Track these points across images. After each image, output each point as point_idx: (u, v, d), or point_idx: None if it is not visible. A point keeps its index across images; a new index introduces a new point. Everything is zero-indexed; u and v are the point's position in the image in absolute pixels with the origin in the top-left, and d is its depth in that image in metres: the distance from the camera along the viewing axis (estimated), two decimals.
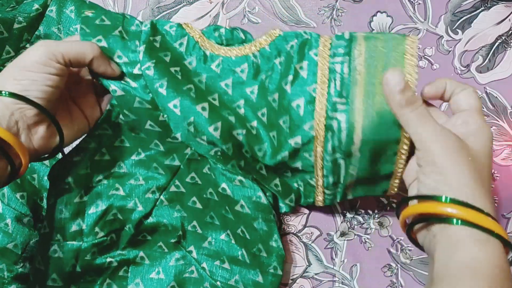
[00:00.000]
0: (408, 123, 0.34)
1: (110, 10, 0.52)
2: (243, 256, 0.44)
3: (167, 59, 0.41)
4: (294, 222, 0.50)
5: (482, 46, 0.54)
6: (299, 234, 0.50)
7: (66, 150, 0.45)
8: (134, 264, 0.45)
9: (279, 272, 0.44)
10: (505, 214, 0.50)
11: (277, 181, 0.44)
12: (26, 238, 0.46)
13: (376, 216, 0.50)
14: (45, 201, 0.47)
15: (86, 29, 0.40)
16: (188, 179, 0.45)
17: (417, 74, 0.37)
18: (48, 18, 0.47)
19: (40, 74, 0.35)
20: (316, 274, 0.49)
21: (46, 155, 0.39)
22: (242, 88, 0.43)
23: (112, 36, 0.40)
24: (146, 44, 0.40)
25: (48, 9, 0.47)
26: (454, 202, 0.31)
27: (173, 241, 0.45)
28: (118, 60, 0.40)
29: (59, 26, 0.48)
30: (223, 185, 0.44)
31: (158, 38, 0.42)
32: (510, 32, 0.54)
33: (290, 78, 0.41)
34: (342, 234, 0.50)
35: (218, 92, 0.42)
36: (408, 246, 0.49)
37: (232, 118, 0.41)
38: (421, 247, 0.36)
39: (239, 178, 0.44)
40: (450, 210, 0.31)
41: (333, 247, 0.49)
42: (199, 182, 0.45)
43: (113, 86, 0.40)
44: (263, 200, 0.44)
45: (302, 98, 0.40)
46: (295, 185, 0.45)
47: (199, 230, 0.45)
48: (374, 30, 0.54)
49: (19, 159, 0.35)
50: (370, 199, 0.50)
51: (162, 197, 0.45)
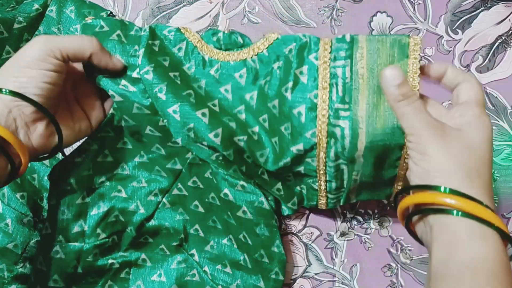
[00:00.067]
0: (403, 116, 0.35)
1: (110, 10, 0.52)
2: (245, 261, 0.44)
3: (166, 64, 0.41)
4: (294, 222, 0.50)
5: (482, 46, 0.54)
6: (299, 234, 0.50)
7: (67, 151, 0.45)
8: (136, 266, 0.45)
9: (281, 277, 0.44)
10: (505, 214, 0.50)
11: (279, 185, 0.44)
12: (26, 238, 0.46)
13: (376, 216, 0.50)
14: (45, 201, 0.47)
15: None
16: (190, 183, 0.45)
17: (420, 76, 0.37)
18: (48, 18, 0.47)
19: (38, 70, 0.35)
20: (316, 274, 0.49)
21: (46, 155, 0.39)
22: (242, 93, 0.42)
23: (110, 40, 0.40)
24: (145, 48, 0.40)
25: (48, 9, 0.47)
26: (453, 192, 0.31)
27: (175, 244, 0.45)
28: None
29: (59, 26, 0.48)
30: (225, 190, 0.43)
31: (157, 42, 0.41)
32: (510, 32, 0.54)
33: (290, 84, 0.40)
34: (342, 234, 0.50)
35: (218, 97, 0.42)
36: (408, 246, 0.49)
37: (233, 124, 0.41)
38: (420, 241, 0.36)
39: (241, 183, 0.43)
40: (449, 200, 0.31)
41: (333, 247, 0.49)
42: (201, 186, 0.44)
43: (111, 91, 0.40)
44: (265, 205, 0.43)
45: (303, 105, 0.39)
46: (298, 188, 0.44)
47: (201, 234, 0.45)
48: (374, 30, 0.54)
49: (19, 158, 0.35)
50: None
51: (164, 199, 0.45)
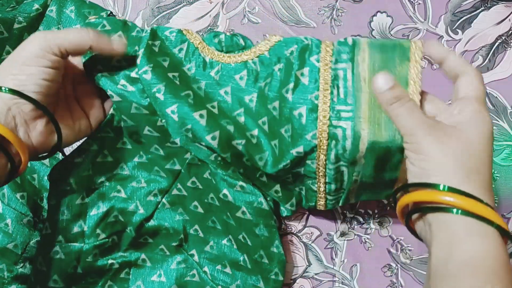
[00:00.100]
0: (397, 117, 0.35)
1: (110, 10, 0.52)
2: (245, 261, 0.43)
3: (166, 64, 0.40)
4: (294, 222, 0.50)
5: (482, 46, 0.54)
6: (299, 234, 0.50)
7: (67, 151, 0.45)
8: (136, 266, 0.45)
9: (280, 277, 0.43)
10: (505, 214, 0.50)
11: (277, 187, 0.43)
12: (26, 238, 0.46)
13: (376, 216, 0.50)
14: (45, 201, 0.47)
15: None
16: (189, 184, 0.44)
17: (421, 80, 0.37)
18: (48, 18, 0.47)
19: (36, 67, 0.35)
20: (316, 274, 0.49)
21: (46, 154, 0.39)
22: (241, 95, 0.42)
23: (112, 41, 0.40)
24: (145, 48, 0.40)
25: (48, 9, 0.47)
26: (452, 190, 0.31)
27: (174, 244, 0.45)
28: (116, 63, 0.40)
29: (59, 26, 0.48)
30: (224, 191, 0.43)
31: (157, 43, 0.41)
32: (510, 32, 0.54)
33: (291, 85, 0.40)
34: (342, 234, 0.50)
35: (217, 99, 0.41)
36: (408, 246, 0.49)
37: (230, 127, 0.40)
38: (421, 238, 0.35)
39: (240, 183, 0.43)
40: (448, 198, 0.31)
41: (333, 247, 0.49)
42: (200, 187, 0.44)
43: (110, 91, 0.40)
44: (265, 205, 0.43)
45: (304, 106, 0.39)
46: (297, 189, 0.44)
47: (201, 234, 0.45)
48: (374, 30, 0.54)
49: (19, 157, 0.35)
50: None
51: (164, 200, 0.45)
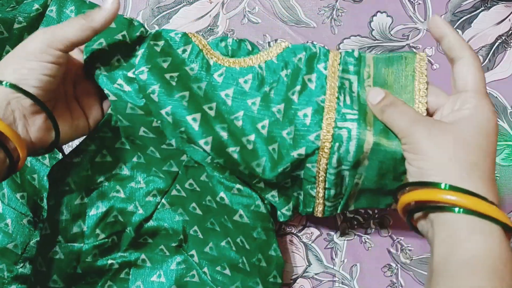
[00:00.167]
0: (393, 122, 0.35)
1: None
2: (244, 264, 0.43)
3: (166, 65, 0.40)
4: (294, 222, 0.50)
5: (482, 46, 0.54)
6: (299, 234, 0.50)
7: (67, 151, 0.45)
8: (136, 266, 0.45)
9: (279, 280, 0.43)
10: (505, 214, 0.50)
11: (274, 192, 0.43)
12: (26, 238, 0.46)
13: (376, 216, 0.50)
14: (45, 201, 0.47)
15: None
16: (187, 185, 0.44)
17: (427, 91, 0.37)
18: (48, 18, 0.47)
19: (38, 62, 0.35)
20: (316, 274, 0.49)
21: (44, 150, 0.39)
22: (244, 99, 0.41)
23: (114, 39, 0.40)
24: (145, 49, 0.40)
25: (48, 9, 0.46)
26: (453, 189, 0.31)
27: (174, 245, 0.45)
28: (116, 63, 0.40)
29: None
30: (221, 194, 0.43)
31: (161, 43, 0.41)
32: (510, 32, 0.54)
33: (298, 88, 0.40)
34: (342, 234, 0.50)
35: (217, 101, 0.41)
36: (408, 246, 0.49)
37: (224, 134, 0.39)
38: (421, 234, 0.35)
39: (237, 186, 0.42)
40: (449, 197, 0.31)
41: (333, 247, 0.49)
42: (197, 189, 0.44)
43: (106, 90, 0.40)
44: (262, 209, 0.43)
45: (309, 107, 0.39)
46: (295, 194, 0.43)
47: (201, 235, 0.45)
48: (374, 30, 0.54)
49: (17, 152, 0.35)
50: None
51: (163, 200, 0.45)
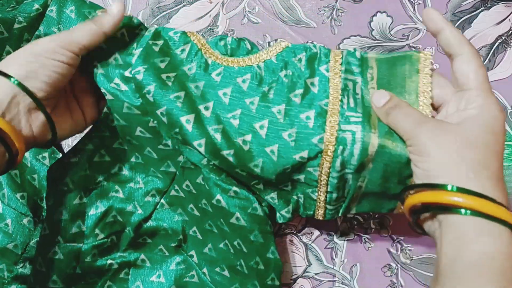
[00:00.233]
0: (397, 124, 0.35)
1: None
2: (242, 266, 0.43)
3: (163, 65, 0.40)
4: (294, 222, 0.50)
5: (482, 46, 0.54)
6: (299, 234, 0.50)
7: (66, 150, 0.45)
8: (135, 266, 0.45)
9: (277, 282, 0.43)
10: None
11: (274, 194, 0.42)
12: (26, 238, 0.46)
13: (376, 216, 0.50)
14: (45, 201, 0.47)
15: None
16: (184, 186, 0.44)
17: (432, 92, 0.37)
18: (48, 18, 0.47)
19: (51, 60, 0.36)
20: (316, 274, 0.49)
21: (44, 145, 0.39)
22: (242, 98, 0.40)
23: (113, 38, 0.40)
24: (143, 48, 0.40)
25: (48, 9, 0.47)
26: (461, 190, 0.31)
27: (173, 245, 0.45)
28: (114, 62, 0.40)
29: (59, 26, 0.47)
30: (218, 196, 0.42)
31: (160, 42, 0.40)
32: (510, 32, 0.54)
33: (300, 91, 0.39)
34: (342, 234, 0.50)
35: (214, 100, 0.40)
36: (408, 246, 0.49)
37: (217, 136, 0.39)
38: (427, 234, 0.35)
39: (234, 188, 0.41)
40: (457, 199, 0.30)
41: (333, 247, 0.49)
42: (194, 191, 0.44)
43: (103, 89, 0.40)
44: (259, 211, 0.42)
45: (312, 110, 0.38)
46: (294, 197, 0.43)
47: (200, 236, 0.45)
48: (374, 30, 0.54)
49: (16, 147, 0.35)
50: None
51: (163, 200, 0.45)
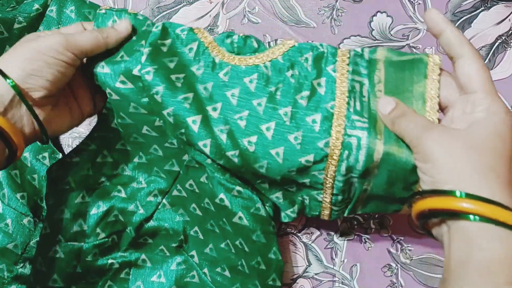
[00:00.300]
0: (404, 132, 0.35)
1: None
2: (243, 266, 0.43)
3: (172, 65, 0.40)
4: (294, 222, 0.50)
5: (482, 46, 0.54)
6: (299, 234, 0.50)
7: (67, 151, 0.45)
8: (136, 266, 0.45)
9: (278, 283, 0.43)
10: None
11: (279, 194, 0.42)
12: (26, 238, 0.46)
13: (376, 216, 0.50)
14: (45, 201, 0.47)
15: (96, 28, 0.40)
16: (187, 186, 0.44)
17: (439, 97, 0.37)
18: (48, 18, 0.47)
19: (54, 59, 0.36)
20: (316, 274, 0.49)
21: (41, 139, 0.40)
22: (249, 99, 0.40)
23: None
24: (152, 47, 0.39)
25: (48, 9, 0.47)
26: (469, 196, 0.30)
27: (174, 245, 0.45)
28: (120, 59, 0.39)
29: (59, 26, 0.47)
30: (221, 195, 0.42)
31: (168, 41, 0.40)
32: (510, 32, 0.54)
33: (307, 93, 0.39)
34: (342, 234, 0.50)
35: (222, 101, 0.40)
36: (408, 246, 0.49)
37: (223, 137, 0.39)
38: (434, 237, 0.35)
39: (238, 188, 0.41)
40: (465, 205, 0.30)
41: (333, 247, 0.49)
42: (197, 190, 0.44)
43: (108, 89, 0.40)
44: (262, 212, 0.42)
45: (318, 113, 0.38)
46: (299, 198, 0.43)
47: (201, 236, 0.45)
48: (374, 30, 0.54)
49: (16, 144, 0.35)
50: None
51: (164, 200, 0.45)
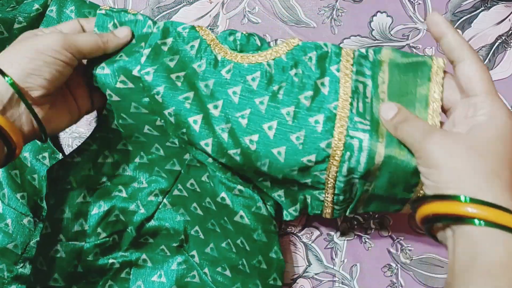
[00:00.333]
0: (406, 137, 0.35)
1: None
2: (244, 265, 0.43)
3: (172, 64, 0.39)
4: (294, 222, 0.50)
5: (482, 46, 0.54)
6: (299, 234, 0.50)
7: (67, 151, 0.45)
8: (136, 266, 0.45)
9: (279, 283, 0.43)
10: None
11: (281, 192, 0.42)
12: (26, 238, 0.46)
13: (376, 216, 0.50)
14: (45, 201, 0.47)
15: (96, 30, 0.40)
16: (188, 185, 0.44)
17: (442, 100, 0.37)
18: (48, 18, 0.47)
19: (53, 59, 0.36)
20: (316, 274, 0.49)
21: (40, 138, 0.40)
22: (251, 97, 0.39)
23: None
24: (152, 48, 0.39)
25: (48, 9, 0.47)
26: (474, 201, 0.30)
27: (175, 245, 0.45)
28: (119, 59, 0.39)
29: None
30: (222, 194, 0.42)
31: (169, 40, 0.40)
32: (510, 32, 0.54)
33: (310, 93, 0.39)
34: (342, 234, 0.50)
35: (223, 98, 0.39)
36: (408, 246, 0.49)
37: (225, 135, 0.38)
38: (439, 241, 0.35)
39: (239, 187, 0.41)
40: (470, 209, 0.30)
41: (333, 247, 0.49)
42: (198, 189, 0.44)
43: (108, 91, 0.40)
44: (263, 211, 0.42)
45: (321, 114, 0.38)
46: (302, 197, 0.42)
47: (202, 236, 0.45)
48: (374, 30, 0.54)
49: (15, 142, 0.36)
50: None
51: (165, 200, 0.45)
